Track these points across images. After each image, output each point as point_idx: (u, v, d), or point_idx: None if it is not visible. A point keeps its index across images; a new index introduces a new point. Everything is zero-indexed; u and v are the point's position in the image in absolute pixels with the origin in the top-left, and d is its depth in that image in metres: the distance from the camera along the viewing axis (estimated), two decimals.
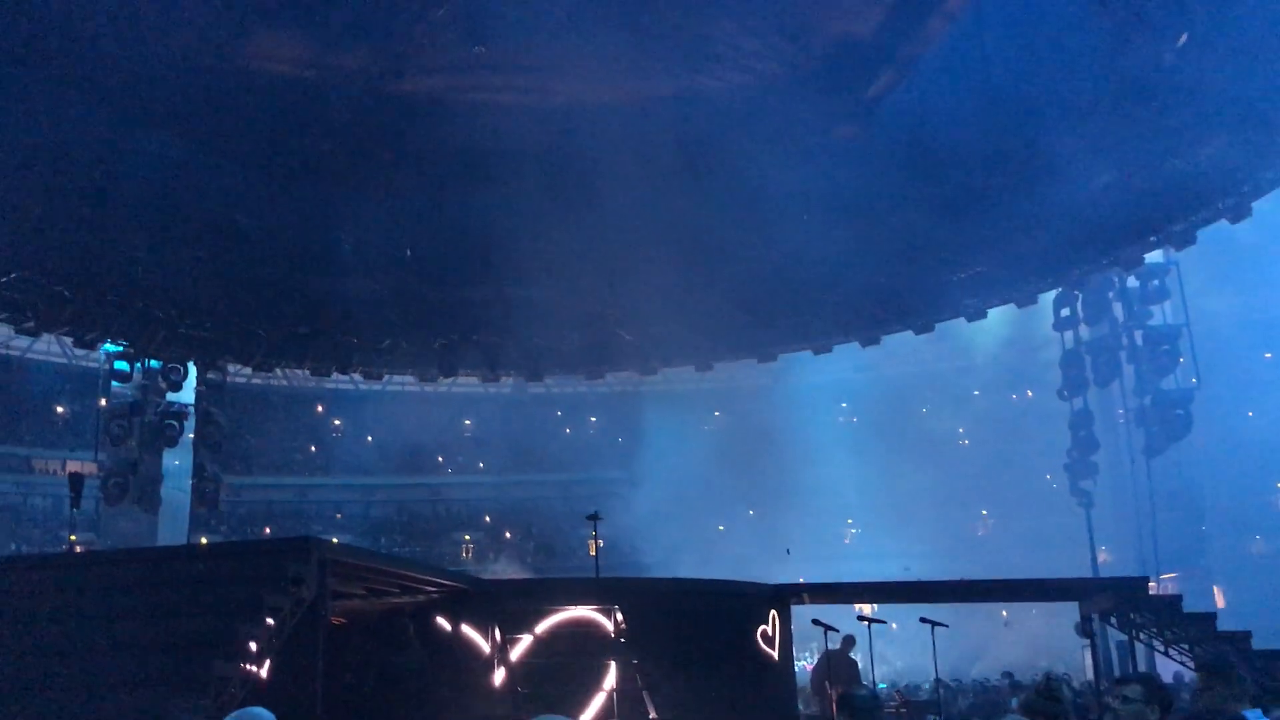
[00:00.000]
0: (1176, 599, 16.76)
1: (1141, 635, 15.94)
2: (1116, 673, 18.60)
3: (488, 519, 45.17)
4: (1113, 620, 16.02)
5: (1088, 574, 23.38)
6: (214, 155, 19.73)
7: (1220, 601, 33.02)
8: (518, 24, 16.62)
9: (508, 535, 43.85)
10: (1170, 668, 17.56)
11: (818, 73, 18.60)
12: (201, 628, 9.02)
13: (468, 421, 44.25)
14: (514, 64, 18.28)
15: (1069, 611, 18.68)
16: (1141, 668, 18.41)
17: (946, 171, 19.58)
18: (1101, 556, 27.97)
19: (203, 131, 18.92)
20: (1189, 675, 16.41)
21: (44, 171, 18.49)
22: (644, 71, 18.30)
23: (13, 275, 20.82)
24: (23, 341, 33.91)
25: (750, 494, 43.77)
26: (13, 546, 35.11)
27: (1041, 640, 32.04)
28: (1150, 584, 18.62)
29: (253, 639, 8.99)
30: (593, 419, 46.36)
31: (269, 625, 9.18)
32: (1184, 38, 13.60)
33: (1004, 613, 37.60)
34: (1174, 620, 15.64)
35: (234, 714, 4.36)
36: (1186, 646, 15.60)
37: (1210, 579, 32.89)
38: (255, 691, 8.87)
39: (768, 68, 18.40)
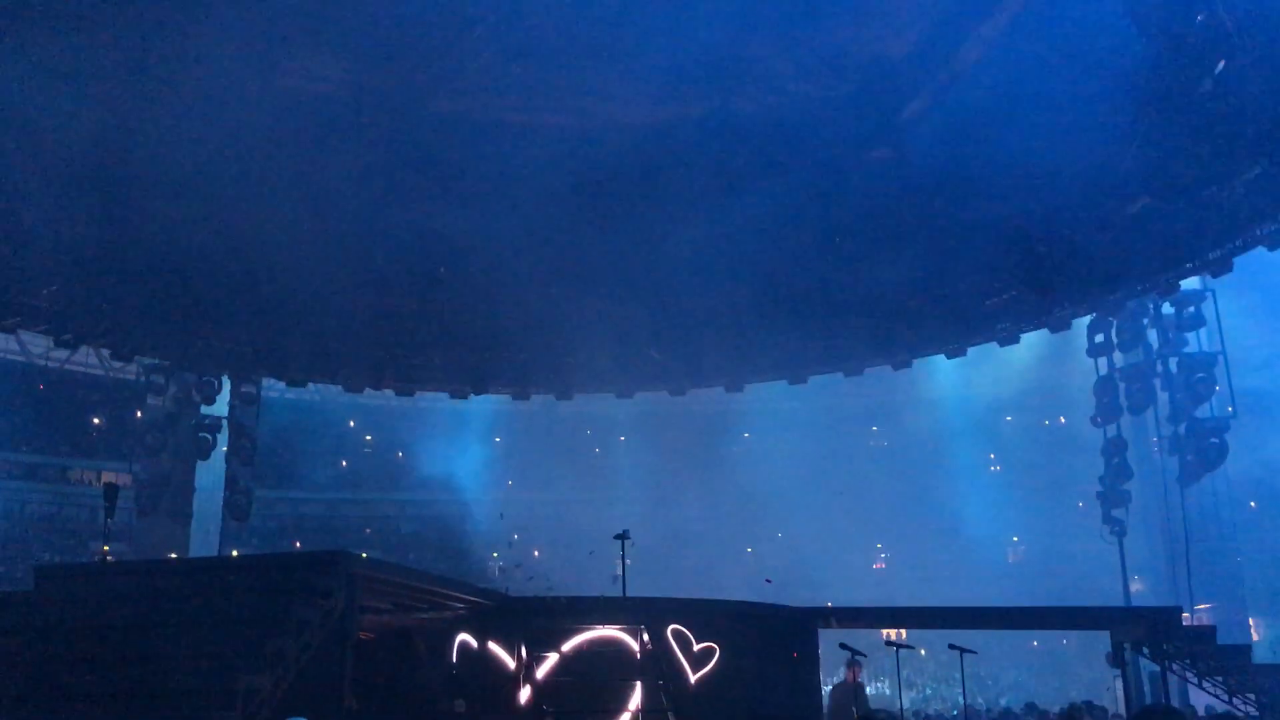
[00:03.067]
0: (1210, 630, 16.57)
1: (1174, 666, 15.75)
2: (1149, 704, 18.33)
3: (516, 536, 45.18)
4: (1145, 650, 15.83)
5: (1120, 603, 23.09)
6: (249, 171, 19.97)
7: (1256, 634, 32.50)
8: (554, 45, 16.75)
9: (536, 554, 43.83)
10: (1203, 699, 17.31)
11: (852, 95, 18.63)
12: (231, 640, 9.08)
13: (498, 439, 44.30)
14: (549, 84, 18.42)
15: (1101, 640, 18.47)
16: (1175, 699, 18.19)
17: (980, 194, 19.51)
18: (1135, 586, 27.61)
19: (238, 147, 19.16)
20: (1221, 707, 16.18)
21: (82, 184, 18.77)
22: (678, 93, 18.37)
23: (53, 288, 21.14)
24: (61, 353, 34.30)
25: (780, 517, 43.59)
26: (46, 556, 35.47)
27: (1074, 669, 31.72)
28: (1184, 615, 18.39)
29: (281, 652, 9.04)
30: (622, 438, 46.30)
31: (298, 639, 9.23)
32: (1221, 64, 13.51)
33: (1034, 642, 37.23)
34: (1208, 651, 15.46)
35: None
36: (1220, 679, 15.40)
37: (1246, 610, 32.36)
38: (283, 704, 8.93)
39: (801, 89, 18.45)
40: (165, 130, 18.31)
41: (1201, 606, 27.37)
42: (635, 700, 13.46)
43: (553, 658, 13.65)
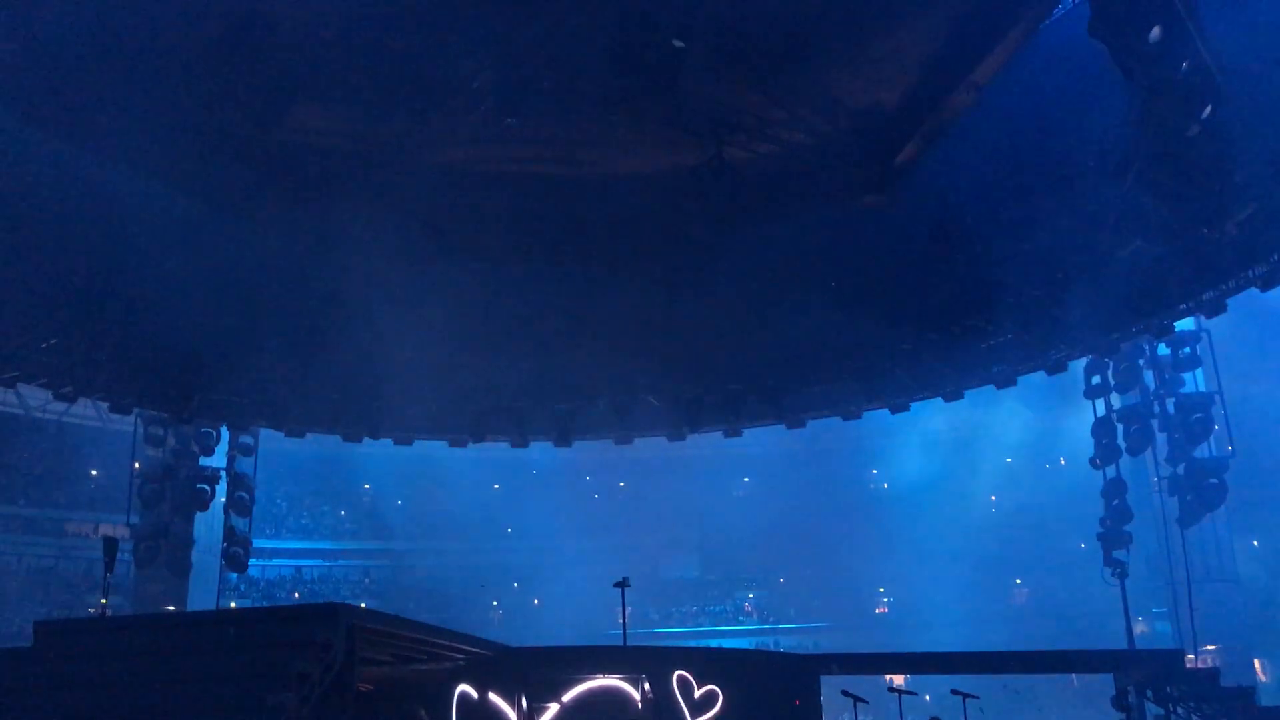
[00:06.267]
0: (1214, 672, 16.52)
1: (1179, 709, 15.67)
2: None
3: (516, 585, 45.01)
4: (1149, 694, 15.76)
5: (1124, 645, 22.97)
6: (250, 222, 20.15)
7: (1262, 676, 32.31)
8: (550, 97, 16.94)
9: (536, 602, 43.65)
10: None
11: (845, 142, 18.82)
12: (232, 694, 9.05)
13: (496, 486, 44.24)
14: (545, 136, 18.61)
15: (1106, 684, 18.38)
16: None
17: (973, 238, 19.66)
18: (1138, 628, 27.49)
19: (238, 198, 19.34)
20: None
21: (81, 238, 18.92)
22: (673, 143, 18.56)
23: (52, 341, 21.21)
24: (59, 406, 34.36)
25: (779, 561, 43.51)
26: (44, 610, 35.25)
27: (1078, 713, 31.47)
28: (1188, 657, 18.32)
29: (281, 705, 9.00)
30: (621, 484, 46.27)
31: (298, 692, 9.20)
32: (1209, 109, 13.65)
33: (1038, 685, 36.95)
34: (1211, 694, 15.39)
35: None
36: None
37: (1250, 652, 32.20)
38: None
39: (795, 137, 18.64)
40: (159, 185, 18.55)
41: (1207, 648, 27.26)
42: None
43: (553, 708, 13.58)
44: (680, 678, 14.14)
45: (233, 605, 32.64)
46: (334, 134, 18.54)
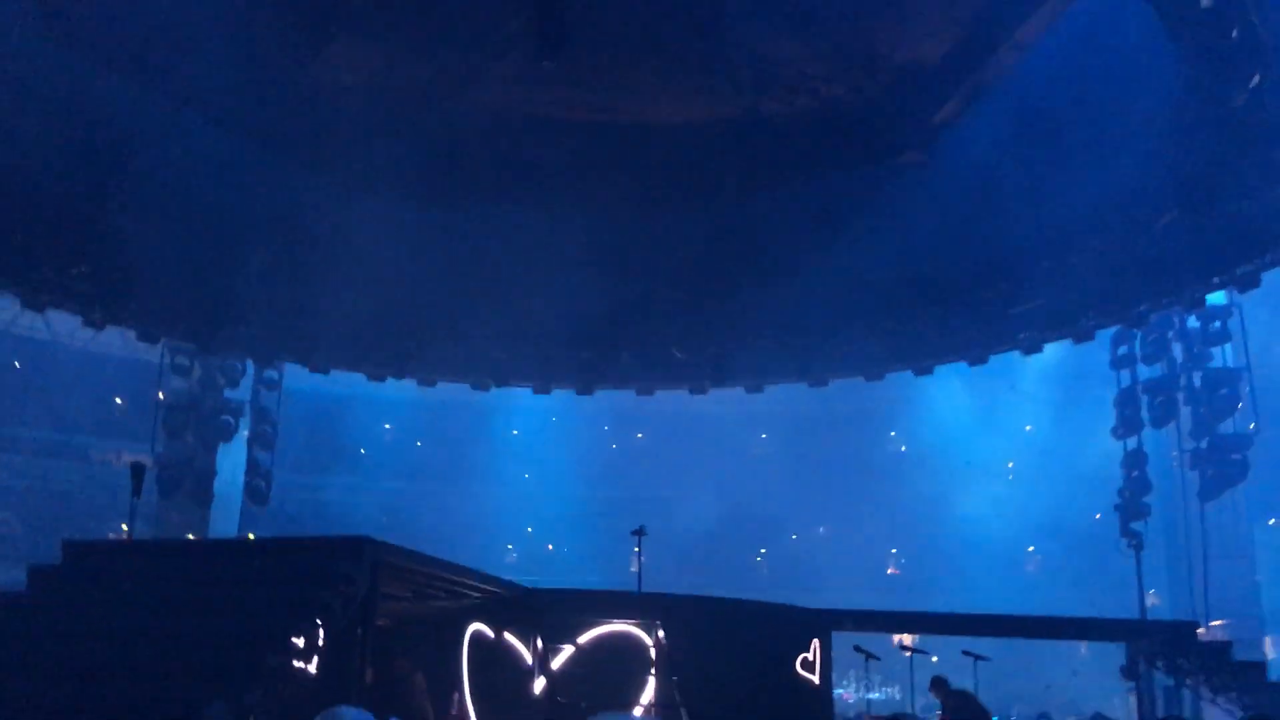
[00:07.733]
0: (1226, 646, 16.56)
1: (1188, 681, 15.75)
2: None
3: (530, 530, 45.33)
4: (1159, 664, 15.84)
5: (1136, 616, 23.00)
6: (282, 158, 20.14)
7: (1271, 651, 32.32)
8: (589, 43, 16.80)
9: (549, 548, 43.99)
10: (1217, 716, 17.26)
11: (884, 98, 18.62)
12: (256, 620, 9.18)
13: (515, 431, 44.40)
14: (582, 81, 18.48)
15: (1116, 653, 18.44)
16: (1188, 714, 18.15)
17: (1008, 201, 19.47)
18: (1151, 599, 27.48)
19: (272, 134, 19.32)
20: None
21: (112, 166, 18.95)
22: (711, 93, 18.41)
23: (82, 268, 21.31)
24: (86, 333, 34.60)
25: (793, 519, 43.64)
26: (67, 534, 35.71)
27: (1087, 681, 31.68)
28: (1199, 630, 18.35)
29: (302, 636, 9.12)
30: (639, 435, 46.38)
31: (318, 623, 9.31)
32: (1256, 79, 13.44)
33: (1048, 652, 37.08)
34: (1222, 667, 15.45)
35: (323, 714, 4.47)
36: (1234, 694, 15.37)
37: (1262, 629, 32.19)
38: (303, 689, 9.01)
39: (834, 92, 18.45)
40: (196, 117, 18.55)
41: (1216, 623, 27.27)
42: (648, 694, 13.57)
43: (568, 649, 13.76)
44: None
45: (250, 536, 32.95)
46: (366, 71, 18.47)
